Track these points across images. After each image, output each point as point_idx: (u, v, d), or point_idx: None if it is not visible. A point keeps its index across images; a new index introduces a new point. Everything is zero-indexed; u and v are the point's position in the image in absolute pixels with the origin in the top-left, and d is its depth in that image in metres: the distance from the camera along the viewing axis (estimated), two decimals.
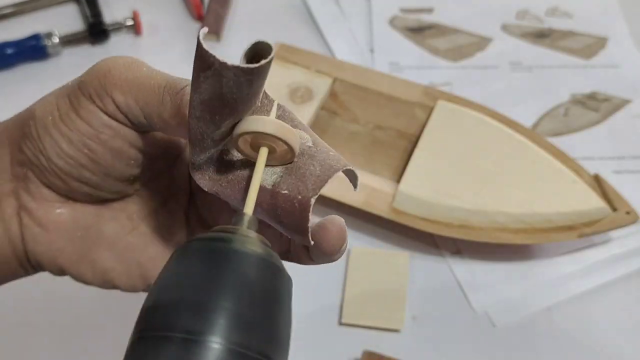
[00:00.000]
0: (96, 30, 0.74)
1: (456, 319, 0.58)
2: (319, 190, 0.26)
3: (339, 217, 0.29)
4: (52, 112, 0.30)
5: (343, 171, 0.27)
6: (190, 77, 0.26)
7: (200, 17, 0.77)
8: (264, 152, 0.27)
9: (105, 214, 0.33)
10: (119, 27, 0.75)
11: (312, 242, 0.27)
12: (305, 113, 0.64)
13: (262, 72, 0.24)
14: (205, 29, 0.25)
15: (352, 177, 0.28)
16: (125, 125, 0.29)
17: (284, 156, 0.28)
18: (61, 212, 0.32)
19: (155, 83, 0.29)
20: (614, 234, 0.61)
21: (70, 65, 0.74)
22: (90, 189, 0.31)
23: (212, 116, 0.26)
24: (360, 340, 0.55)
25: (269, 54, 0.24)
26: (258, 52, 0.24)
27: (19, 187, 0.31)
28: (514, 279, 0.59)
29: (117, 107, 0.29)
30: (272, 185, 0.28)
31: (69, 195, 0.32)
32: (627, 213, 0.58)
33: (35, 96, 0.33)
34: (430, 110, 0.64)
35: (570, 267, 0.60)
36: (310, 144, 0.28)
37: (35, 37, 0.72)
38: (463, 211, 0.58)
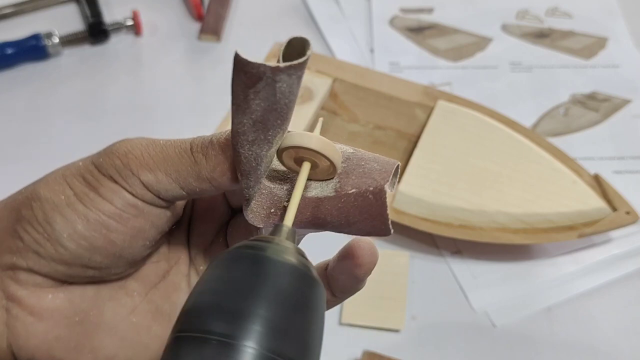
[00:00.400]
0: (96, 30, 0.74)
1: (456, 319, 0.58)
2: (387, 181, 0.27)
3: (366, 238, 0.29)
4: (64, 192, 0.28)
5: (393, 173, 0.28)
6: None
7: (200, 17, 0.77)
8: (306, 167, 0.27)
9: (104, 293, 0.30)
10: (119, 27, 0.76)
11: (392, 230, 0.28)
12: (305, 113, 0.64)
13: (305, 66, 0.24)
14: (241, 51, 0.24)
15: (396, 172, 0.29)
16: (152, 204, 0.28)
17: (325, 172, 0.28)
18: (56, 296, 0.29)
19: (178, 150, 0.28)
20: (614, 234, 0.61)
21: (70, 65, 0.74)
22: (95, 272, 0.29)
23: (266, 134, 0.26)
24: (360, 340, 0.55)
25: (304, 49, 0.24)
26: (292, 49, 0.25)
27: (3, 276, 0.29)
28: (514, 279, 0.59)
29: (146, 186, 0.28)
30: (321, 196, 0.28)
31: (67, 280, 0.29)
32: (627, 213, 0.58)
33: (35, 96, 0.32)
34: (430, 110, 0.64)
35: (570, 267, 0.60)
36: (351, 150, 0.29)
37: (35, 37, 0.72)
38: (463, 211, 0.58)
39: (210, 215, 0.33)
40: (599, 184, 0.60)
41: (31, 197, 0.29)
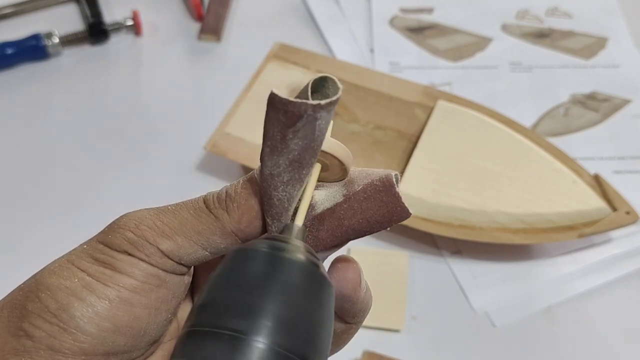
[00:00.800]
0: (96, 30, 0.74)
1: (456, 319, 0.58)
2: (391, 175, 0.28)
3: (345, 256, 0.29)
4: (77, 275, 0.27)
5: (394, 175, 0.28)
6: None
7: (200, 17, 0.78)
8: (317, 168, 0.28)
9: None
10: (119, 27, 0.76)
11: (412, 212, 0.28)
12: None
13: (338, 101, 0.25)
14: (278, 90, 0.24)
15: (397, 180, 0.29)
16: (172, 272, 0.28)
17: (336, 174, 0.28)
18: None
19: (194, 211, 0.28)
20: (614, 234, 0.61)
21: (70, 65, 0.74)
22: (116, 358, 0.27)
23: (300, 172, 0.26)
24: (360, 340, 0.55)
25: (326, 84, 0.25)
26: (318, 83, 0.25)
27: None
28: (514, 279, 0.59)
29: (166, 255, 0.27)
30: (334, 204, 0.28)
31: None
32: (627, 213, 0.58)
33: (35, 96, 0.32)
34: (430, 110, 0.64)
35: (570, 267, 0.60)
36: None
37: (35, 37, 0.72)
38: (463, 211, 0.58)
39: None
40: (599, 184, 0.60)
41: (37, 290, 0.26)
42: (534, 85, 0.73)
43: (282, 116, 0.24)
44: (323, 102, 0.24)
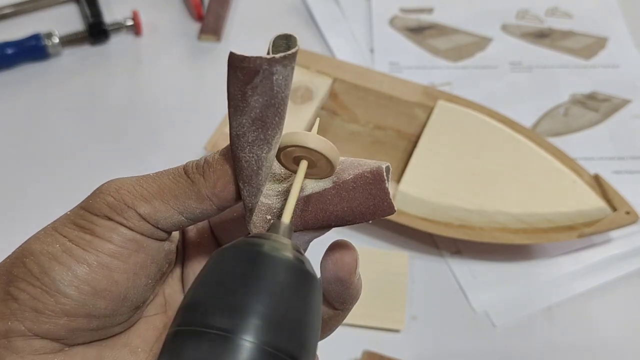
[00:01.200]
0: (96, 30, 0.74)
1: (456, 319, 0.58)
2: (383, 167, 0.28)
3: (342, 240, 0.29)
4: (58, 241, 0.27)
5: (385, 168, 0.29)
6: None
7: (200, 17, 0.77)
8: (304, 165, 0.28)
9: (107, 354, 0.29)
10: (118, 27, 0.76)
11: (396, 209, 0.28)
12: (305, 113, 0.64)
13: (296, 57, 0.25)
14: (236, 50, 0.25)
15: (388, 171, 0.29)
16: (150, 236, 0.28)
17: (323, 171, 0.28)
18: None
19: (173, 177, 0.28)
20: (614, 234, 0.61)
21: (70, 65, 0.74)
22: (99, 322, 0.28)
23: (265, 132, 0.26)
24: (360, 340, 0.55)
25: (290, 43, 0.25)
26: (277, 47, 0.25)
27: None
28: (514, 279, 0.59)
29: (144, 217, 0.28)
30: (322, 189, 0.29)
31: (68, 341, 0.28)
32: (627, 213, 0.58)
33: (35, 96, 0.32)
34: (430, 110, 0.64)
35: (570, 267, 0.60)
36: (343, 158, 0.30)
37: (35, 37, 0.72)
38: (463, 211, 0.58)
39: (201, 258, 0.33)
40: (598, 184, 0.60)
41: (22, 255, 0.28)
42: (534, 85, 0.73)
43: (239, 73, 0.24)
44: (277, 55, 0.24)
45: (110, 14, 0.77)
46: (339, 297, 0.30)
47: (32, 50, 0.72)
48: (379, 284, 0.58)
